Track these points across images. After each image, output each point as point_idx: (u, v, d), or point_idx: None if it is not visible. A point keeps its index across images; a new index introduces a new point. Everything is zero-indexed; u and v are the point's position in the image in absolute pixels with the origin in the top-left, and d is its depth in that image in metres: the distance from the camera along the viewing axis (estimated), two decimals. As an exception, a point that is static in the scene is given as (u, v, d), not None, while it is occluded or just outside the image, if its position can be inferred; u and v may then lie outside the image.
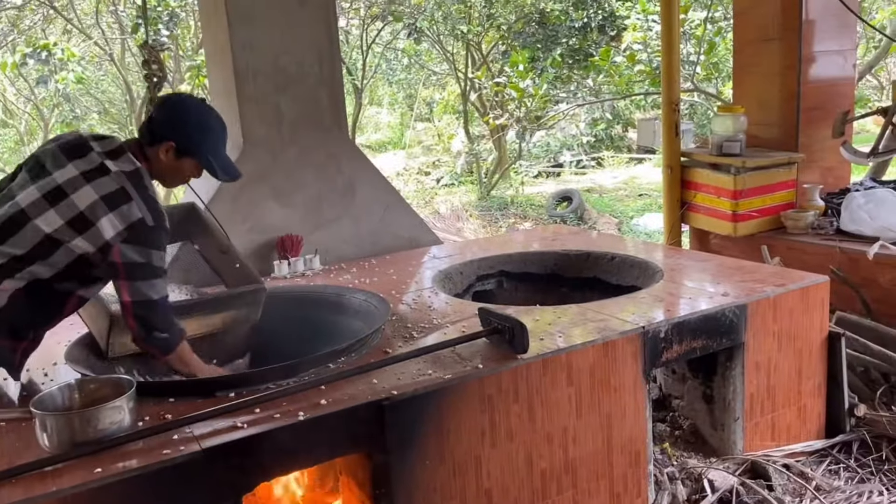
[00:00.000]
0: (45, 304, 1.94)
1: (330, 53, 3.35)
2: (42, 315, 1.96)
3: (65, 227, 1.86)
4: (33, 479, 1.52)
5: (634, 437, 2.20)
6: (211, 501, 1.63)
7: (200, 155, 2.06)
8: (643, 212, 9.92)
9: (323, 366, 2.02)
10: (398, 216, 3.58)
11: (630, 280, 2.90)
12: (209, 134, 2.07)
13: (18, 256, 1.85)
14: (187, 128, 2.05)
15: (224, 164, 2.11)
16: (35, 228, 1.85)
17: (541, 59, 8.70)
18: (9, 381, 2.02)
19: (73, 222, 1.86)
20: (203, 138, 2.06)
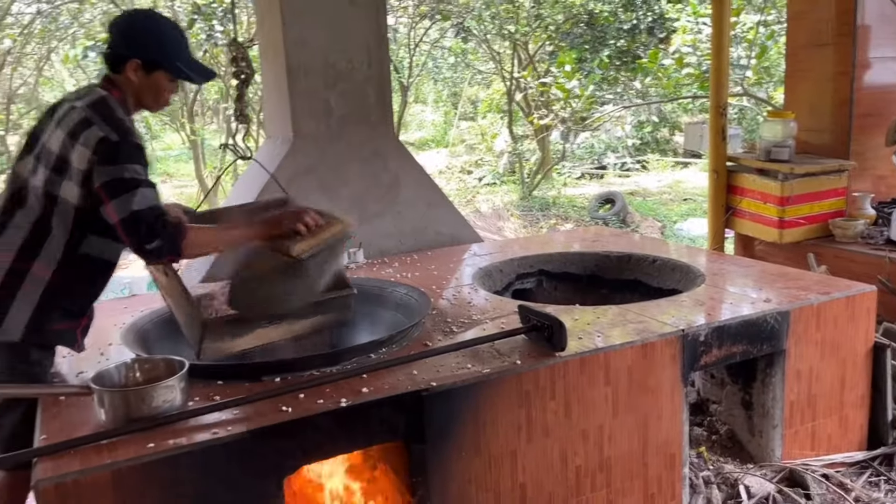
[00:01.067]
0: (83, 276, 1.97)
1: (378, 51, 3.41)
2: (87, 287, 2.00)
3: (52, 175, 1.88)
4: (90, 450, 1.60)
5: (670, 440, 2.20)
6: (255, 481, 1.68)
7: (168, 63, 2.02)
8: (687, 216, 9.80)
9: (365, 355, 2.07)
10: (441, 213, 3.63)
11: (671, 283, 2.89)
12: (168, 41, 2.04)
13: (34, 222, 1.89)
14: (144, 39, 2.01)
15: (194, 67, 2.08)
16: (33, 188, 1.90)
17: (588, 60, 8.66)
18: (66, 358, 2.13)
19: (55, 168, 1.88)
20: (163, 46, 2.02)
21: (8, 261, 1.88)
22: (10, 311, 1.88)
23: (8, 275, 1.88)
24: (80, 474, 1.52)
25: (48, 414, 1.79)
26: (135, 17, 2.11)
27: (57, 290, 1.92)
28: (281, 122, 3.39)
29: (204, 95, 12.77)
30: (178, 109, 13.18)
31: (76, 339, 2.01)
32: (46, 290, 1.90)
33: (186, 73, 2.05)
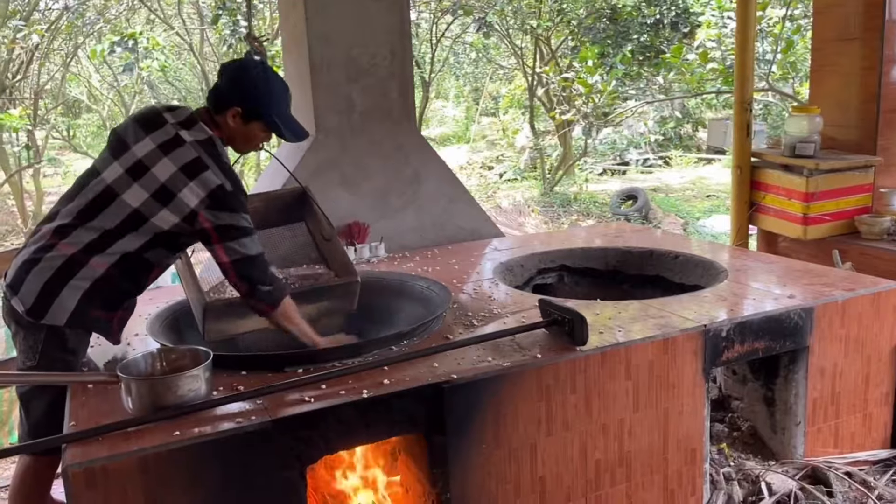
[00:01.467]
0: (134, 274, 2.03)
1: (401, 46, 3.42)
2: (132, 285, 2.06)
3: (150, 201, 1.95)
4: (118, 437, 1.63)
5: (691, 435, 2.20)
6: (278, 470, 1.71)
7: (266, 117, 2.09)
8: (710, 213, 9.72)
9: (386, 348, 2.09)
10: (462, 208, 3.64)
11: (693, 279, 2.88)
12: (272, 96, 2.11)
13: (109, 230, 1.95)
14: (251, 91, 2.08)
15: (290, 125, 2.14)
16: (122, 203, 1.95)
17: (610, 55, 8.60)
18: (94, 348, 2.17)
19: (157, 195, 1.95)
20: (266, 100, 2.10)
21: (70, 252, 1.94)
22: (60, 297, 1.93)
23: (66, 263, 1.93)
24: (107, 460, 1.55)
25: (77, 401, 1.83)
26: (248, 67, 2.16)
27: (107, 282, 1.98)
28: (304, 117, 3.41)
29: (227, 91, 12.84)
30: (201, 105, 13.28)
31: (111, 329, 2.05)
32: (97, 281, 1.95)
33: (281, 130, 2.12)
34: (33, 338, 1.96)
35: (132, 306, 2.13)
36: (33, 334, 1.96)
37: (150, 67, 8.25)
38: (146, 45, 7.58)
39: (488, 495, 1.95)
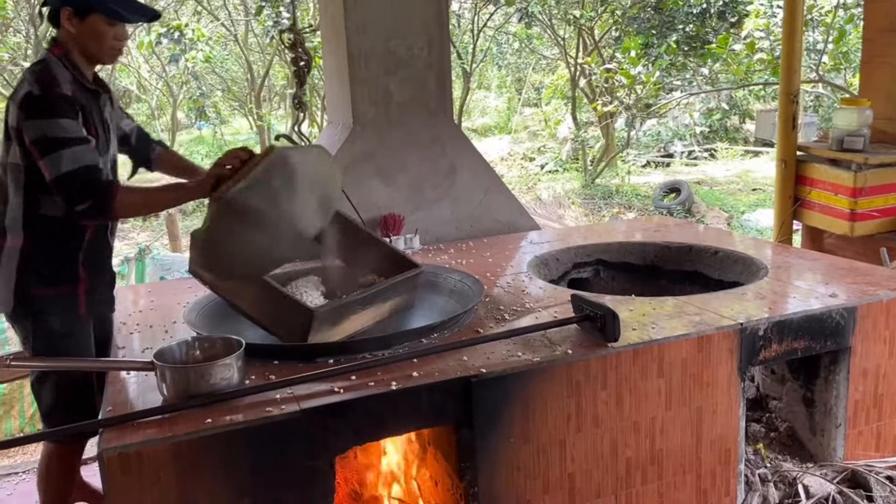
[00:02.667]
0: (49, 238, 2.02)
1: (439, 38, 3.41)
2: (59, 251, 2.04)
3: (4, 144, 1.98)
4: (152, 423, 1.67)
5: (725, 435, 2.16)
6: (307, 459, 1.73)
7: (95, 3, 1.96)
8: (756, 207, 9.51)
9: (416, 340, 2.09)
10: (498, 200, 3.62)
11: (733, 276, 2.82)
12: None
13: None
14: None
15: (129, 6, 2.01)
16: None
17: (655, 46, 8.45)
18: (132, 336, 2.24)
19: (5, 135, 1.98)
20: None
21: None
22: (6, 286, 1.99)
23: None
24: (141, 445, 1.59)
25: (114, 387, 1.87)
26: None
27: (30, 256, 2.02)
28: (341, 109, 3.44)
29: (271, 81, 13.05)
30: (246, 95, 13.49)
31: (79, 305, 2.08)
32: (21, 258, 2.00)
33: (119, 13, 2.00)
34: (22, 330, 2.04)
35: (100, 273, 2.13)
36: (20, 326, 2.04)
37: (196, 59, 8.39)
38: (191, 37, 7.71)
39: (516, 490, 1.95)
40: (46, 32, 8.24)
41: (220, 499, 1.66)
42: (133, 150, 2.42)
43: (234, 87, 13.57)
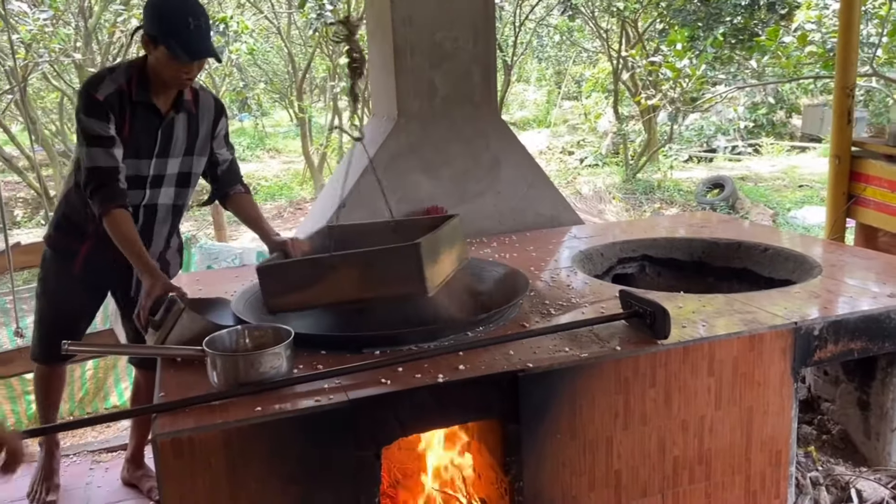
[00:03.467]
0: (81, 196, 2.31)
1: (485, 30, 3.39)
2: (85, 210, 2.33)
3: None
4: (203, 410, 1.69)
5: (776, 436, 2.11)
6: (353, 449, 1.74)
7: (161, 37, 2.11)
8: (802, 204, 9.31)
9: (462, 333, 2.09)
10: (541, 194, 3.60)
11: (784, 274, 2.76)
12: (166, 15, 2.12)
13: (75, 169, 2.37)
14: (149, 12, 2.15)
15: (184, 43, 2.11)
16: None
17: (701, 39, 8.28)
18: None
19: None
20: (160, 20, 2.12)
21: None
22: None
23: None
24: (193, 431, 1.61)
25: (167, 373, 1.90)
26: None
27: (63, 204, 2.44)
28: (386, 101, 3.44)
29: (312, 74, 13.15)
30: (287, 87, 13.62)
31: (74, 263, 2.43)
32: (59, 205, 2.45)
33: (175, 50, 2.12)
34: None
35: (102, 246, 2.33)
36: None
37: (240, 50, 8.49)
38: (236, 29, 7.80)
39: (562, 486, 1.93)
40: (96, 25, 8.42)
41: (268, 486, 1.68)
42: (217, 179, 2.56)
43: (276, 79, 13.70)
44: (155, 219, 2.46)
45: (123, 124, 2.26)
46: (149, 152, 2.34)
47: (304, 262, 2.18)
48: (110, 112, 2.21)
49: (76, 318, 2.56)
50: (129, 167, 2.29)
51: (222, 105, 2.56)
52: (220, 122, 2.49)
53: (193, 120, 2.41)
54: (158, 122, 2.33)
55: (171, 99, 2.33)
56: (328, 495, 1.73)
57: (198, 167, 2.48)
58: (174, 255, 2.64)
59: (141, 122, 2.29)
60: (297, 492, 1.70)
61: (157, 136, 2.33)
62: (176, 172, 2.43)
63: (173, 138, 2.37)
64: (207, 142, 2.46)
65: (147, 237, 2.45)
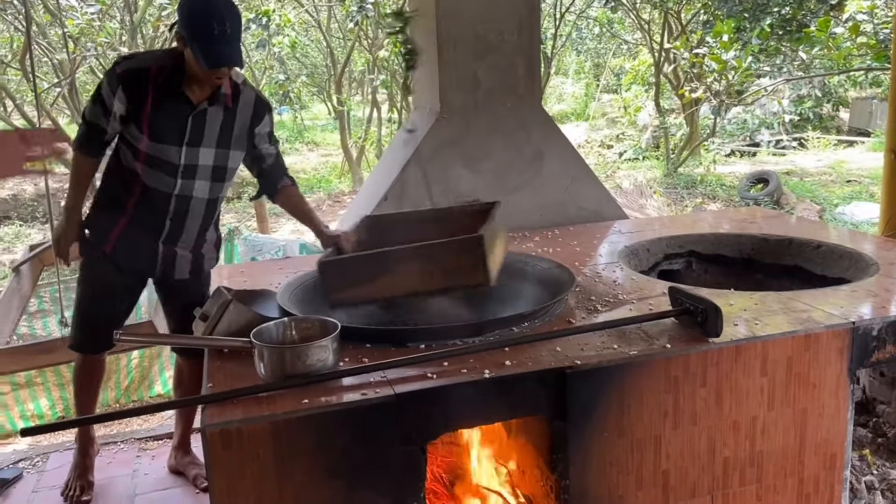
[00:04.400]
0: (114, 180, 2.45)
1: (529, 22, 3.35)
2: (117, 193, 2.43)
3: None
4: (250, 401, 1.70)
5: (831, 439, 2.05)
6: (399, 443, 1.73)
7: (188, 39, 2.14)
8: (851, 200, 9.06)
9: (507, 328, 2.06)
10: (584, 188, 3.55)
11: (838, 272, 2.67)
12: (192, 18, 2.14)
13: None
14: (180, 11, 2.17)
15: (205, 50, 2.12)
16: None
17: (747, 30, 8.09)
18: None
19: None
20: (187, 24, 2.14)
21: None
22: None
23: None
24: (242, 423, 1.62)
25: (214, 364, 1.92)
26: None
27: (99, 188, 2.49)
28: (429, 94, 3.43)
29: (350, 67, 13.20)
30: (325, 80, 13.69)
31: (106, 241, 2.46)
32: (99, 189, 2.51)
33: (196, 56, 2.15)
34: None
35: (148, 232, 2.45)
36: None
37: (282, 44, 8.54)
38: (278, 23, 7.85)
39: (608, 484, 1.90)
40: (141, 19, 8.55)
41: (314, 478, 1.68)
42: (263, 174, 2.57)
43: (315, 72, 13.78)
44: (187, 210, 2.46)
45: (144, 103, 2.28)
46: (177, 139, 2.34)
47: (365, 257, 2.18)
48: (121, 88, 2.27)
49: (112, 304, 2.55)
50: (156, 151, 2.33)
51: (266, 102, 2.53)
52: (262, 119, 2.47)
53: (230, 114, 2.40)
54: (189, 110, 2.32)
55: (207, 91, 2.32)
56: (373, 490, 1.72)
57: (234, 162, 2.47)
58: (210, 250, 2.63)
59: (166, 106, 2.30)
60: (342, 485, 1.70)
61: (186, 123, 2.33)
62: (210, 165, 2.42)
63: (206, 129, 2.37)
64: (244, 137, 2.45)
65: (178, 227, 2.47)
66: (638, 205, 8.27)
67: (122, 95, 2.27)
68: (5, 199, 9.76)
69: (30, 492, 2.88)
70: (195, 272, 2.59)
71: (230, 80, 2.37)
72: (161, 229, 2.46)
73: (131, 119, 2.31)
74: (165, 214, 2.43)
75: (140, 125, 2.30)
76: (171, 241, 2.49)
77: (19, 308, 3.40)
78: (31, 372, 4.20)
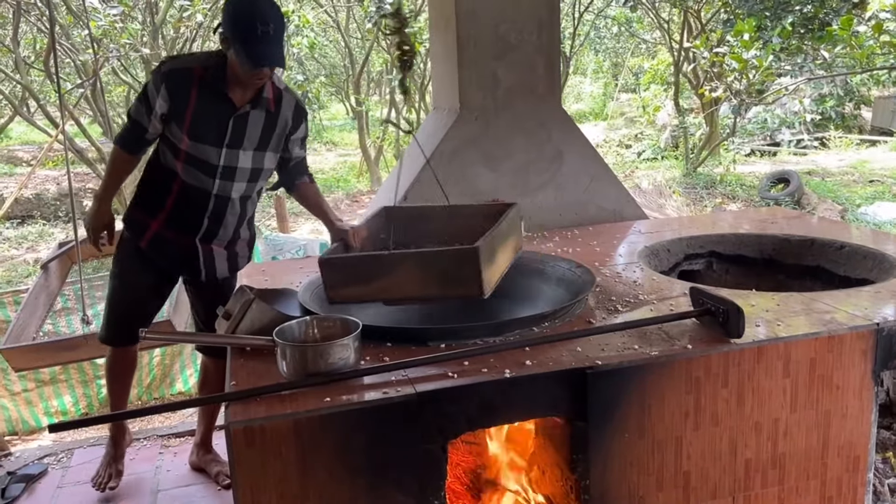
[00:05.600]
0: (153, 176, 2.48)
1: (549, 21, 3.34)
2: (161, 189, 2.45)
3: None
4: (273, 399, 1.71)
5: (854, 441, 2.03)
6: (421, 442, 1.74)
7: (232, 40, 2.17)
8: (873, 200, 8.96)
9: (527, 328, 2.07)
10: (604, 188, 3.54)
11: (861, 272, 2.65)
12: (236, 19, 2.17)
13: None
14: (224, 12, 2.23)
15: (249, 50, 2.16)
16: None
17: (768, 29, 8.01)
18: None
19: None
20: (231, 25, 2.17)
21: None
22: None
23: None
24: (265, 420, 1.63)
25: (237, 362, 1.94)
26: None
27: (143, 184, 2.53)
28: (448, 94, 3.43)
29: (368, 67, 13.24)
30: (344, 81, 13.74)
31: (142, 237, 2.50)
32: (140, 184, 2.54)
33: (238, 58, 2.20)
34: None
35: (183, 230, 2.47)
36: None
37: (301, 44, 8.59)
38: (297, 23, 7.89)
39: (629, 485, 1.90)
40: (162, 21, 8.63)
41: (336, 476, 1.69)
42: (284, 171, 2.62)
43: (334, 73, 13.84)
44: (226, 208, 2.49)
45: (187, 104, 2.32)
46: (217, 140, 2.37)
47: (363, 259, 2.20)
48: (164, 87, 2.30)
49: (143, 300, 2.60)
50: (196, 151, 2.36)
51: (304, 110, 2.56)
52: (300, 127, 2.52)
53: (271, 118, 2.42)
54: (231, 112, 2.35)
55: (250, 94, 2.36)
56: (394, 488, 1.73)
57: (270, 163, 2.51)
58: (243, 248, 2.65)
59: (209, 107, 2.33)
60: (363, 483, 1.71)
61: (227, 125, 2.36)
62: (249, 168, 2.45)
63: (247, 131, 2.40)
64: (281, 141, 2.48)
65: (216, 225, 2.50)
66: (657, 205, 8.22)
67: (166, 94, 2.30)
68: (29, 199, 9.89)
69: (55, 487, 2.92)
70: (232, 270, 2.63)
71: (273, 85, 2.40)
72: (199, 226, 2.48)
73: (173, 118, 2.34)
74: (204, 212, 2.46)
75: (181, 125, 2.33)
76: (208, 239, 2.52)
77: (46, 305, 3.44)
78: (56, 369, 4.27)
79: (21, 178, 9.70)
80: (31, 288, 3.48)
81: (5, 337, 3.14)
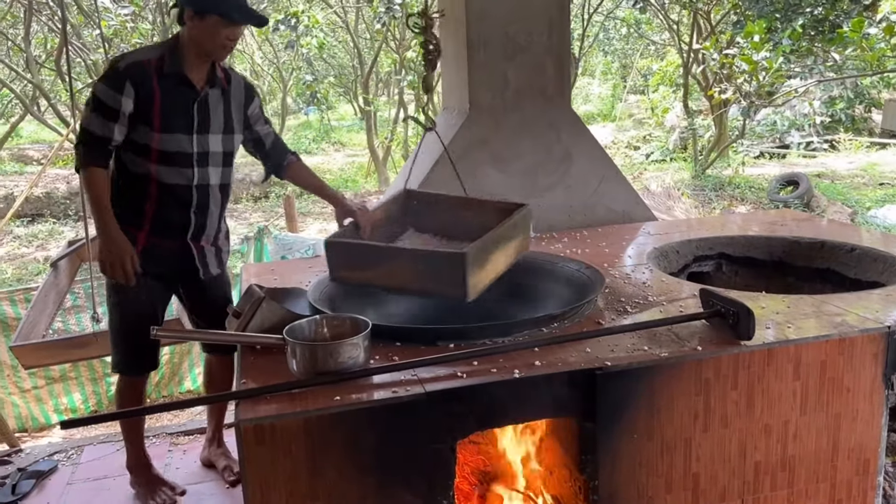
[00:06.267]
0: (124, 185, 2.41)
1: (560, 22, 3.34)
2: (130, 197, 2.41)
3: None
4: (283, 398, 1.72)
5: (864, 444, 2.02)
6: (430, 441, 1.74)
7: (212, 6, 2.23)
8: (883, 202, 8.92)
9: (536, 329, 2.07)
10: (613, 189, 3.53)
11: (872, 275, 2.64)
12: None
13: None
14: None
15: (236, 7, 2.25)
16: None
17: (778, 31, 7.98)
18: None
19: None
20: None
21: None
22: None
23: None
24: (275, 419, 1.64)
25: (247, 361, 1.94)
26: None
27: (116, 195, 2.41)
28: (458, 94, 3.44)
29: (377, 67, 13.26)
30: (352, 81, 13.77)
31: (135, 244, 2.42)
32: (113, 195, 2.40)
33: (232, 15, 2.26)
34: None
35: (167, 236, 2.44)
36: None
37: (310, 45, 8.61)
38: (306, 24, 7.91)
39: (637, 487, 1.90)
40: (173, 21, 8.68)
41: (345, 474, 1.70)
42: (266, 155, 2.67)
43: (343, 73, 13.87)
44: (209, 200, 2.51)
45: (153, 97, 2.33)
46: (186, 128, 2.40)
47: (365, 247, 2.28)
48: (129, 83, 2.28)
49: (147, 316, 2.47)
50: (169, 143, 2.38)
51: (251, 85, 2.66)
52: (252, 101, 2.59)
53: (227, 95, 2.50)
54: (193, 97, 2.40)
55: (205, 74, 2.42)
56: (403, 487, 1.74)
57: (236, 145, 2.57)
58: (224, 242, 2.68)
59: (173, 95, 2.36)
60: (372, 482, 1.72)
61: (193, 111, 2.40)
62: (220, 151, 2.49)
63: (210, 115, 2.45)
64: (241, 120, 2.56)
65: (202, 219, 2.52)
66: (665, 206, 8.20)
67: (131, 90, 2.29)
68: (39, 198, 9.95)
69: (64, 484, 2.94)
70: (221, 265, 2.66)
71: (219, 66, 2.48)
72: (187, 225, 2.49)
73: (140, 116, 2.33)
74: (189, 208, 2.47)
75: (150, 120, 2.34)
76: (197, 237, 2.53)
77: (56, 303, 3.46)
78: (66, 366, 4.29)
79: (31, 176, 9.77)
80: (41, 286, 3.50)
81: (16, 334, 3.16)
